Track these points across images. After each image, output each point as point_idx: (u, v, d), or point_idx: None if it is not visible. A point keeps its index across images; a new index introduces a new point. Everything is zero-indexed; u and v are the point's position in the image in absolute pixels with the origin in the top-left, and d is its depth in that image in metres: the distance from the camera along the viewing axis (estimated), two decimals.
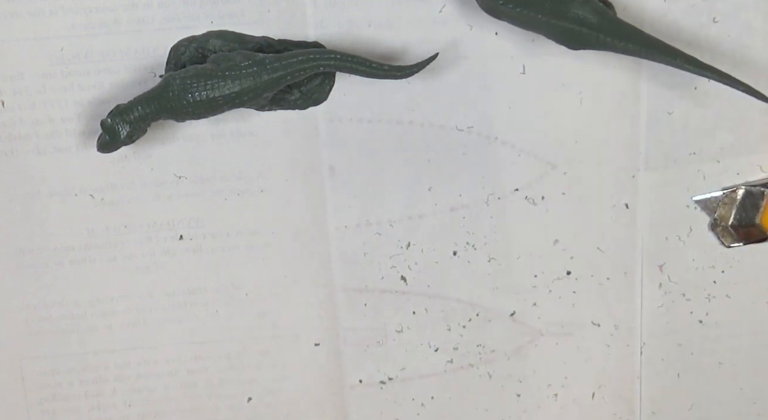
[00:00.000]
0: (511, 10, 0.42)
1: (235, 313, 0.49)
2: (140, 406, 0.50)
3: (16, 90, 0.45)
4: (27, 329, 0.49)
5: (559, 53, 0.44)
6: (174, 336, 0.49)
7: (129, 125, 0.43)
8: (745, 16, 0.45)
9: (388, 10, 0.45)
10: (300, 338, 0.49)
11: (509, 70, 0.46)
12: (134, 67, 0.45)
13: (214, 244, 0.48)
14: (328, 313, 0.49)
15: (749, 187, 0.47)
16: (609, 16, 0.42)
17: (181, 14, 0.45)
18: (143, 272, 0.48)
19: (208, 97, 0.43)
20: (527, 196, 0.48)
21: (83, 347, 0.49)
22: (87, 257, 0.48)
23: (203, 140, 0.46)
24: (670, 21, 0.45)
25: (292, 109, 0.46)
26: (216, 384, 0.50)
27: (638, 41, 0.42)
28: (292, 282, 0.49)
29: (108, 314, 0.49)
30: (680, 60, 0.42)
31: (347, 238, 0.48)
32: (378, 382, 0.50)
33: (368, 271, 0.48)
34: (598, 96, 0.46)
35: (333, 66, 0.44)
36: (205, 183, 0.47)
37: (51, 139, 0.46)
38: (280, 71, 0.43)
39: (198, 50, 0.45)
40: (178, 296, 0.49)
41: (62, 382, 0.49)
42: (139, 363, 0.49)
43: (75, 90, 0.45)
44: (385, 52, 0.45)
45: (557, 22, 0.42)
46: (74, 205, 0.47)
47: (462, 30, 0.45)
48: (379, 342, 0.50)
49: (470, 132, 0.47)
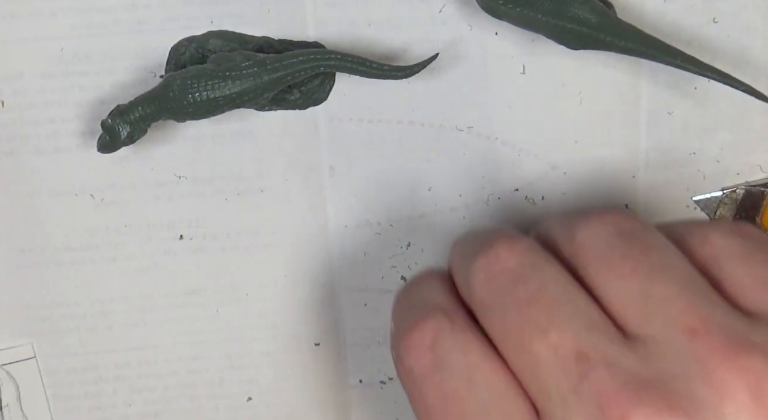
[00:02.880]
0: (511, 10, 0.42)
1: (235, 313, 0.49)
2: (140, 406, 0.50)
3: (16, 90, 0.45)
4: (27, 329, 0.49)
5: (559, 53, 0.44)
6: (174, 336, 0.49)
7: (129, 125, 0.43)
8: (745, 16, 0.45)
9: (388, 10, 0.45)
10: (300, 338, 0.49)
11: (509, 70, 0.46)
12: (134, 68, 0.45)
13: (214, 244, 0.48)
14: (328, 313, 0.49)
15: (749, 187, 0.47)
16: (609, 16, 0.42)
17: (181, 14, 0.45)
18: (143, 272, 0.48)
19: (208, 97, 0.43)
20: (527, 196, 0.48)
21: (83, 347, 0.49)
22: (87, 257, 0.48)
23: (203, 140, 0.46)
24: (670, 21, 0.45)
25: (292, 109, 0.46)
26: (216, 384, 0.50)
27: (638, 41, 0.42)
28: (292, 282, 0.49)
29: (108, 314, 0.49)
30: (680, 60, 0.42)
31: (347, 238, 0.48)
32: (378, 382, 0.50)
33: (368, 271, 0.48)
34: (598, 96, 0.46)
35: (333, 66, 0.44)
36: (205, 183, 0.47)
37: (51, 139, 0.46)
38: (280, 71, 0.43)
39: (198, 50, 0.45)
40: (178, 296, 0.49)
41: (62, 382, 0.49)
42: (139, 363, 0.49)
43: (75, 90, 0.45)
44: (385, 52, 0.45)
45: (557, 21, 0.42)
46: (74, 205, 0.47)
47: (462, 30, 0.45)
48: (379, 342, 0.50)
49: (470, 132, 0.47)
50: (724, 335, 0.33)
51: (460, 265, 0.39)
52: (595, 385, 0.32)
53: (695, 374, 0.32)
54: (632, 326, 0.34)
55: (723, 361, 0.32)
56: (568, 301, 0.35)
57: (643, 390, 0.32)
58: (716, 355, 0.32)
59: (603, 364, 0.33)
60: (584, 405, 0.33)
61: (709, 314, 0.33)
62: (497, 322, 0.36)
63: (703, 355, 0.32)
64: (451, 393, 0.36)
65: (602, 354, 0.33)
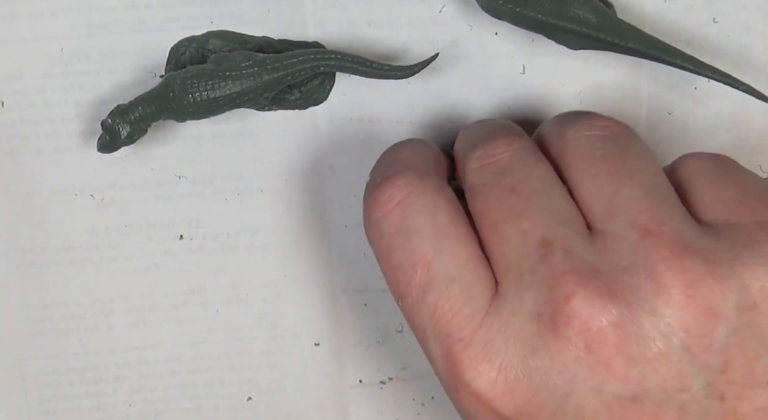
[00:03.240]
0: (511, 10, 0.42)
1: (235, 313, 0.49)
2: (140, 406, 0.50)
3: (16, 90, 0.45)
4: (27, 329, 0.49)
5: (559, 53, 0.44)
6: (174, 336, 0.49)
7: (129, 125, 0.43)
8: (745, 16, 0.45)
9: (388, 10, 0.45)
10: (300, 338, 0.49)
11: (509, 70, 0.46)
12: (134, 68, 0.45)
13: (214, 244, 0.48)
14: (328, 313, 0.49)
15: None
16: (609, 16, 0.42)
17: (181, 14, 0.45)
18: (143, 272, 0.48)
19: (208, 97, 0.43)
20: None
21: (83, 347, 0.49)
22: (87, 257, 0.48)
23: (203, 140, 0.46)
24: (670, 21, 0.45)
25: (292, 109, 0.46)
26: (216, 384, 0.50)
27: (638, 41, 0.42)
28: (292, 282, 0.49)
29: (108, 314, 0.49)
30: (680, 60, 0.42)
31: (347, 238, 0.48)
32: (378, 382, 0.50)
33: (368, 271, 0.48)
34: (598, 96, 0.46)
35: (333, 66, 0.44)
36: (205, 183, 0.47)
37: (51, 139, 0.46)
38: (280, 71, 0.43)
39: (198, 50, 0.45)
40: (178, 296, 0.49)
41: (62, 382, 0.49)
42: (139, 363, 0.49)
43: (75, 90, 0.45)
44: (385, 52, 0.45)
45: (558, 22, 0.42)
46: (74, 205, 0.47)
47: (462, 30, 0.45)
48: (379, 342, 0.50)
49: None
50: (673, 237, 0.36)
51: (460, 151, 0.42)
52: (551, 267, 0.36)
53: (640, 269, 0.35)
54: (597, 222, 0.37)
55: (665, 258, 0.35)
56: (546, 195, 0.38)
57: (591, 276, 0.36)
58: (661, 253, 0.35)
59: (562, 250, 0.36)
60: (537, 283, 0.36)
61: (665, 218, 0.36)
62: (480, 203, 0.39)
63: (650, 253, 0.36)
64: (417, 255, 0.38)
65: (564, 243, 0.36)
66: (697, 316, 0.35)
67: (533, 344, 0.36)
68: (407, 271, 0.38)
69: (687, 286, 0.35)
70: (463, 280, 0.38)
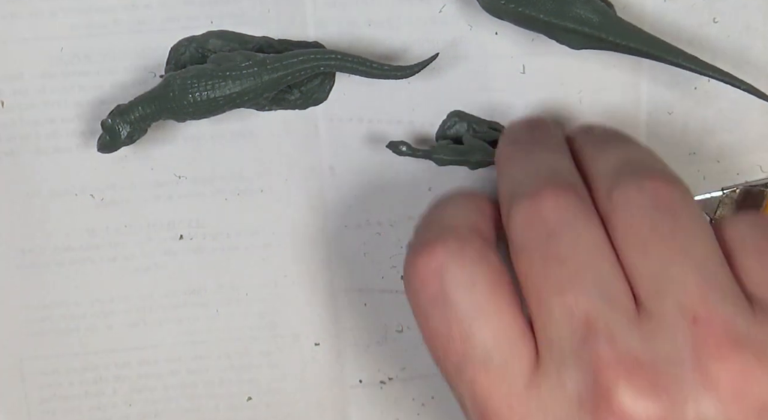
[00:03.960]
0: (513, 10, 0.42)
1: (235, 313, 0.49)
2: (140, 406, 0.50)
3: (16, 90, 0.45)
4: (27, 329, 0.49)
5: (559, 53, 0.44)
6: (174, 336, 0.49)
7: (129, 125, 0.43)
8: (745, 16, 0.45)
9: (388, 10, 0.45)
10: (300, 338, 0.49)
11: (509, 70, 0.46)
12: (134, 68, 0.45)
13: (214, 244, 0.48)
14: (328, 313, 0.49)
15: (749, 187, 0.47)
16: (610, 15, 0.42)
17: (181, 14, 0.45)
18: (143, 272, 0.48)
19: (208, 97, 0.43)
20: None
21: (83, 347, 0.49)
22: (87, 257, 0.48)
23: (203, 140, 0.46)
24: (670, 21, 0.45)
25: (292, 109, 0.46)
26: (216, 384, 0.50)
27: (639, 41, 0.42)
28: (292, 282, 0.49)
29: (108, 314, 0.49)
30: (681, 59, 0.42)
31: (347, 238, 0.48)
32: (378, 382, 0.50)
33: (368, 271, 0.48)
34: (598, 96, 0.46)
35: (333, 66, 0.44)
36: (205, 183, 0.47)
37: (51, 139, 0.46)
38: (280, 71, 0.43)
39: (198, 50, 0.45)
40: (178, 296, 0.49)
41: (62, 382, 0.49)
42: (139, 363, 0.49)
43: (75, 90, 0.45)
44: (385, 52, 0.45)
45: (558, 21, 0.42)
46: (74, 205, 0.47)
47: (462, 30, 0.45)
48: (379, 342, 0.50)
49: None
50: (724, 328, 0.34)
51: (504, 195, 0.40)
52: (594, 353, 0.34)
53: (687, 360, 0.34)
54: (644, 298, 0.36)
55: (715, 352, 0.34)
56: (593, 267, 0.36)
57: (635, 367, 0.34)
58: (710, 346, 0.34)
59: (607, 335, 0.34)
60: (579, 368, 0.34)
61: (716, 304, 0.35)
62: (523, 265, 0.37)
63: (698, 344, 0.34)
64: (455, 329, 0.37)
65: (609, 325, 0.35)
66: (745, 412, 0.33)
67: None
68: (445, 341, 0.37)
69: (736, 382, 0.33)
70: (502, 356, 0.36)
